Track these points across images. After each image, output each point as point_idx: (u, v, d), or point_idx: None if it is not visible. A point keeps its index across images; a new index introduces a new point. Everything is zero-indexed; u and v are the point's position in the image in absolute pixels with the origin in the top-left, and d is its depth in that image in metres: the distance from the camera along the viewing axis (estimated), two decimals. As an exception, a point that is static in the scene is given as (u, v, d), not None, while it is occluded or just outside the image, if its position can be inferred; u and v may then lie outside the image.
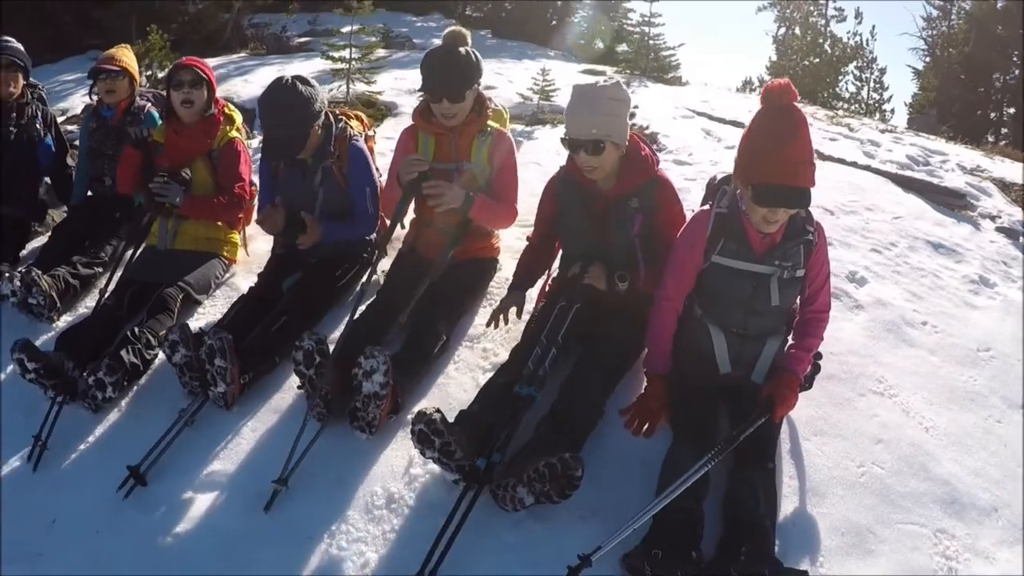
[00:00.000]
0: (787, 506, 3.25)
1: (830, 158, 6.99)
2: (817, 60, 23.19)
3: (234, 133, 4.70)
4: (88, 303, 4.59)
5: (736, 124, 7.92)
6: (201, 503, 3.20)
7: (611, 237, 3.59)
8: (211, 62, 10.79)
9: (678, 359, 3.56)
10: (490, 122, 4.10)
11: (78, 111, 8.34)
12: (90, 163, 5.29)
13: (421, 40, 14.96)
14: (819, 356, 3.71)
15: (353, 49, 8.16)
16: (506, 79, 9.51)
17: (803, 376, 3.51)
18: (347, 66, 8.15)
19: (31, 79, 5.41)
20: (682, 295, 3.51)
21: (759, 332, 3.45)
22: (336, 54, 8.21)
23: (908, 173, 7.06)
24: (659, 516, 2.86)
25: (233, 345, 3.57)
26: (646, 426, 3.42)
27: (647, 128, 7.03)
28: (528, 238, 4.13)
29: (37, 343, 3.94)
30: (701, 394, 3.43)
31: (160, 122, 4.94)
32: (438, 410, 2.97)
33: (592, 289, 3.54)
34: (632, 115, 3.67)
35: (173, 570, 2.94)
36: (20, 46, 5.22)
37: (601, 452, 3.32)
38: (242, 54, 12.09)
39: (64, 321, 4.50)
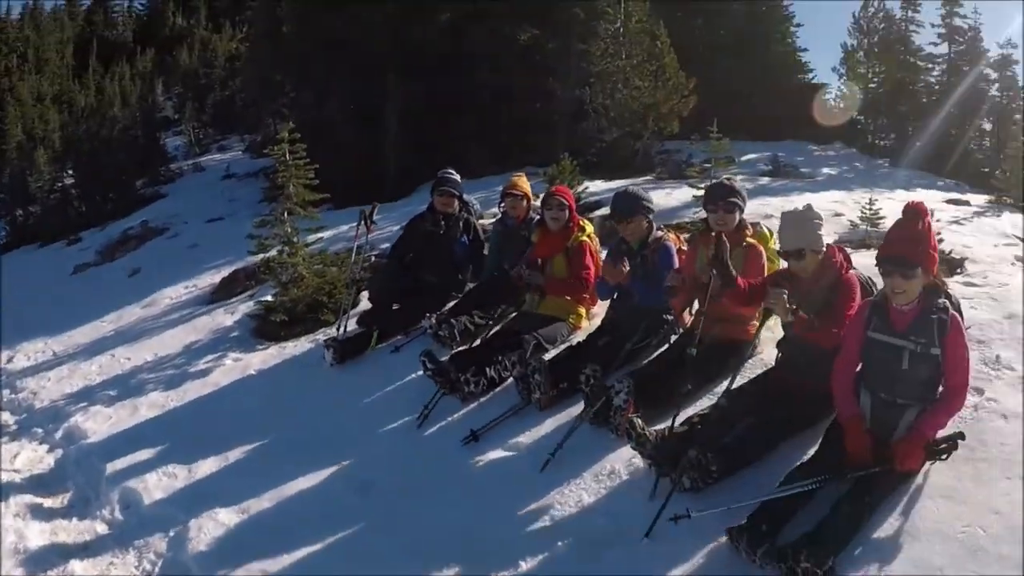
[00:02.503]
0: (880, 535, 3.95)
1: None
2: None
3: (584, 238, 6.60)
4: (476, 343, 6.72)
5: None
6: (505, 456, 5.19)
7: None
8: (618, 183, 12.96)
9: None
10: (749, 239, 5.52)
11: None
12: (496, 255, 7.52)
13: (809, 169, 15.93)
14: (962, 437, 4.24)
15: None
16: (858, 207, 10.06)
17: (931, 438, 4.18)
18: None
19: (465, 197, 7.91)
20: (853, 363, 4.49)
21: (900, 398, 4.29)
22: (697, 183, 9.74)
23: None
24: (761, 508, 4.03)
25: (547, 366, 5.45)
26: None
27: (950, 252, 7.41)
28: None
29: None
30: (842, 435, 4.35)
31: (536, 228, 6.91)
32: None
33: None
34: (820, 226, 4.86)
35: (477, 484, 4.97)
36: (457, 177, 7.77)
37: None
38: (647, 177, 13.76)
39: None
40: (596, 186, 12.61)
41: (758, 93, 20.97)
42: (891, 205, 9.05)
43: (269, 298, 8.93)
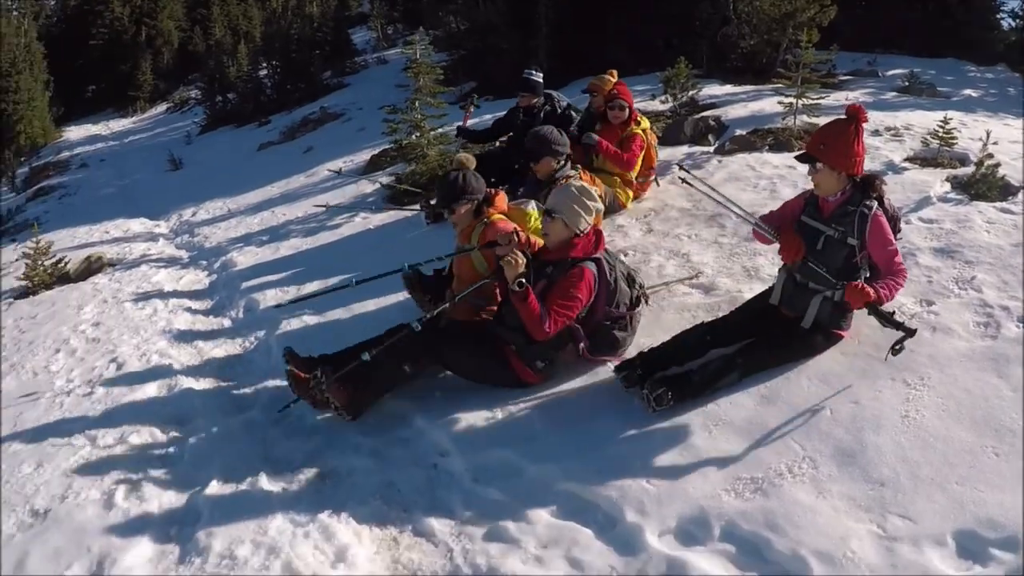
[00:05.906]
0: (737, 393, 4.56)
1: None
2: None
3: (637, 131, 7.79)
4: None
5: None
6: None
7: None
8: (747, 88, 13.54)
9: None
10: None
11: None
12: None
13: (950, 89, 15.50)
14: (913, 334, 4.34)
15: (800, 88, 9.88)
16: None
17: (874, 297, 4.26)
18: (795, 102, 9.95)
19: (553, 93, 9.13)
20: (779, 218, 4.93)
21: (812, 282, 4.67)
22: (787, 92, 10.16)
23: None
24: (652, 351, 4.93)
25: None
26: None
27: (1003, 176, 7.21)
28: None
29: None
30: (746, 311, 5.10)
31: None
32: None
33: None
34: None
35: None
36: (532, 77, 8.92)
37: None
38: (777, 85, 13.34)
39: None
40: (719, 90, 13.38)
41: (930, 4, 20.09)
42: (985, 128, 8.87)
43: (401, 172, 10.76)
